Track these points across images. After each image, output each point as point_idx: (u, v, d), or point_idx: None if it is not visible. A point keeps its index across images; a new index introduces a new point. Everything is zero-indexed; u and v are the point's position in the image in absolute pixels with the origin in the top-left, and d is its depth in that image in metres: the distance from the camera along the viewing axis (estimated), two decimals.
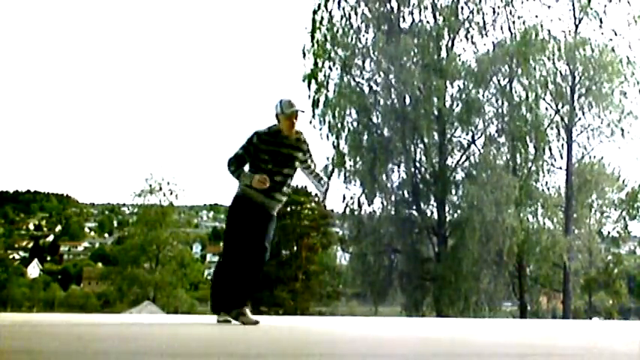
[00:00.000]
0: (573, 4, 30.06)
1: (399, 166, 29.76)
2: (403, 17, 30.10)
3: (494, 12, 29.71)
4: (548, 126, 29.53)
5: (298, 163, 5.70)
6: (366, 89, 30.15)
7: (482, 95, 29.53)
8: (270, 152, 5.49)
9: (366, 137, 29.57)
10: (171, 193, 40.25)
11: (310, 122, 29.36)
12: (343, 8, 29.84)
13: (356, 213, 29.86)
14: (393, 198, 29.59)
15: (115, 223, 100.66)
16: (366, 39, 29.97)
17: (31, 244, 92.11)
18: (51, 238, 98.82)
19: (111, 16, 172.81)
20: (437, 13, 29.59)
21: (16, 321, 5.66)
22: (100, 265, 71.76)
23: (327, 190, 6.03)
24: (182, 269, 41.21)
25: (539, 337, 4.50)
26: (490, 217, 26.76)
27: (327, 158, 29.41)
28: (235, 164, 5.54)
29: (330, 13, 29.77)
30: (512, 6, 29.66)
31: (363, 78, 30.17)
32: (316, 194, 37.22)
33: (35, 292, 55.07)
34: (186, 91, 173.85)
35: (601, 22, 29.29)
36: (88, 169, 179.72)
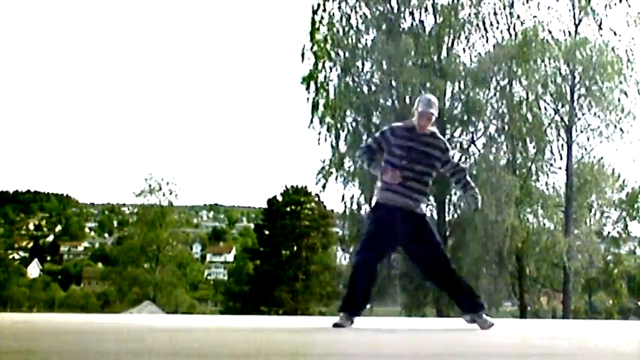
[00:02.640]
0: (573, 5, 30.05)
1: None
2: (403, 17, 30.10)
3: (494, 12, 29.73)
4: (548, 126, 29.54)
5: (436, 162, 5.51)
6: (366, 89, 30.17)
7: (482, 95, 29.54)
8: (403, 147, 5.30)
9: (365, 137, 29.57)
10: (170, 193, 40.31)
11: (310, 123, 29.43)
12: (343, 9, 29.86)
13: (356, 213, 29.87)
14: None
15: (115, 223, 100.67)
16: (366, 39, 29.99)
17: (31, 244, 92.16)
18: (51, 238, 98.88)
19: (112, 16, 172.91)
20: (437, 14, 29.60)
21: (16, 321, 5.66)
22: (100, 265, 71.83)
23: (476, 202, 5.87)
24: (182, 269, 41.26)
25: (539, 337, 4.50)
26: (490, 217, 26.76)
27: (325, 160, 29.46)
28: (366, 154, 5.55)
29: (330, 13, 29.78)
30: (512, 6, 29.70)
31: (362, 78, 30.18)
32: (317, 194, 37.14)
33: (35, 292, 55.11)
34: (186, 91, 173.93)
35: (601, 22, 29.32)
36: (88, 169, 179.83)
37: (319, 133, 29.07)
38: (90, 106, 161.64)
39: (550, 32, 28.79)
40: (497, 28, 29.79)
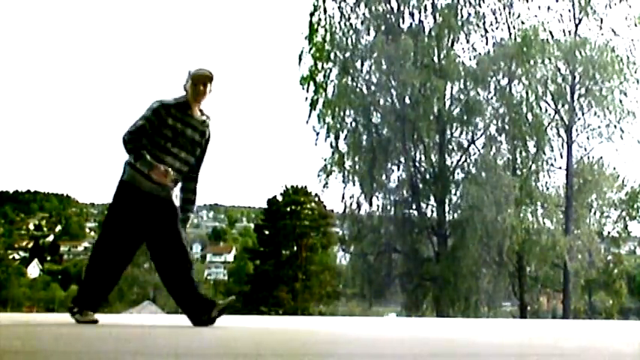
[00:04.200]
0: (573, 4, 30.08)
1: (398, 166, 29.81)
2: (403, 17, 30.14)
3: (494, 12, 29.76)
4: (548, 126, 29.56)
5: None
6: (366, 89, 30.19)
7: (482, 95, 29.57)
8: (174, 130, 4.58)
9: (365, 137, 29.60)
10: None
11: (307, 119, 29.43)
12: (342, 9, 29.86)
13: (355, 213, 29.90)
14: (392, 198, 29.64)
15: None
16: (366, 39, 30.01)
17: (31, 244, 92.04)
18: (51, 238, 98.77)
19: (110, 16, 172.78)
20: (437, 14, 29.61)
21: (16, 321, 5.66)
22: None
23: (186, 220, 4.85)
24: None
25: (539, 337, 4.50)
26: (490, 217, 26.78)
27: (326, 159, 29.49)
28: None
29: (329, 14, 29.79)
30: (512, 6, 29.72)
31: (362, 78, 30.20)
32: (316, 194, 37.20)
33: (35, 292, 55.03)
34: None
35: (601, 22, 29.33)
36: (88, 169, 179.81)
37: (317, 134, 29.10)
38: (90, 106, 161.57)
39: (550, 32, 28.80)
40: (497, 28, 29.82)
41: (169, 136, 4.51)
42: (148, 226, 4.62)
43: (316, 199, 41.22)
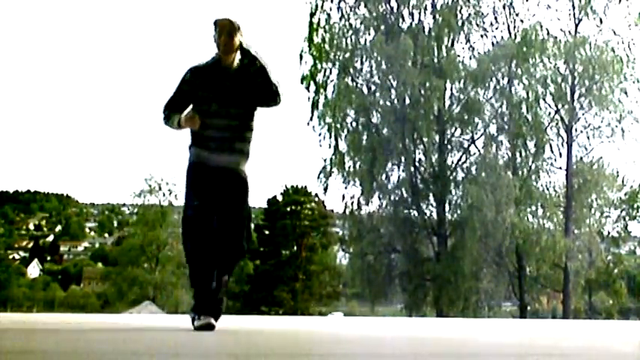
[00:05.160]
0: (573, 4, 30.08)
1: (398, 166, 29.81)
2: (402, 17, 30.13)
3: (494, 12, 29.76)
4: (548, 126, 29.56)
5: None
6: (365, 90, 30.19)
7: (482, 95, 29.57)
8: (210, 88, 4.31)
9: (365, 137, 29.59)
10: (170, 193, 40.30)
11: (309, 120, 29.42)
12: (342, 9, 29.85)
13: (356, 213, 29.89)
14: (392, 198, 29.63)
15: (115, 223, 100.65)
16: (365, 39, 30.01)
17: (31, 244, 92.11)
18: (51, 238, 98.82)
19: (111, 16, 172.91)
20: (436, 13, 29.60)
21: (16, 321, 5.66)
22: (100, 265, 71.75)
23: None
24: (182, 269, 41.22)
25: (539, 337, 4.50)
26: (490, 217, 26.78)
27: (326, 159, 29.49)
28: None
29: (329, 14, 29.78)
30: (512, 6, 29.72)
31: (362, 78, 30.20)
32: (316, 194, 37.19)
33: (35, 292, 55.01)
34: None
35: (601, 22, 29.32)
36: (88, 169, 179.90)
37: (319, 134, 29.09)
38: (90, 106, 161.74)
39: (549, 32, 28.80)
40: (497, 27, 29.83)
41: (210, 97, 4.27)
42: (219, 201, 4.26)
43: (316, 199, 41.27)
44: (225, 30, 4.26)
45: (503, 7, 29.70)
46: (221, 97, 4.28)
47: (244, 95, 4.33)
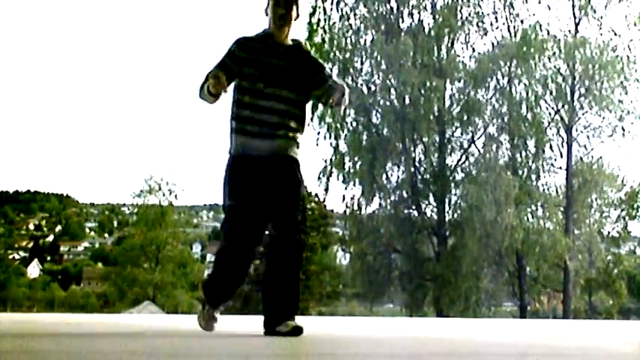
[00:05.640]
0: (573, 4, 30.11)
1: (398, 166, 29.82)
2: (402, 17, 30.14)
3: (494, 12, 29.77)
4: (548, 126, 29.58)
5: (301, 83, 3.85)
6: (366, 90, 30.20)
7: (482, 95, 29.59)
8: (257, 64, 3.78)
9: (365, 137, 29.61)
10: (170, 193, 40.30)
11: (309, 123, 29.40)
12: (342, 9, 29.86)
13: (356, 213, 29.91)
14: (392, 198, 29.65)
15: (115, 223, 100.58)
16: (365, 39, 30.02)
17: (31, 244, 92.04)
18: (51, 238, 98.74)
19: (110, 16, 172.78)
20: (436, 13, 29.62)
21: (16, 321, 5.66)
22: (100, 265, 71.69)
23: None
24: (182, 269, 41.22)
25: (539, 337, 4.51)
26: (490, 217, 26.79)
27: (326, 160, 29.51)
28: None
29: (328, 14, 29.78)
30: (512, 6, 29.73)
31: (362, 78, 30.21)
32: (316, 194, 37.29)
33: (35, 292, 54.96)
34: (185, 91, 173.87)
35: (601, 22, 29.34)
36: (88, 169, 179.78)
37: (318, 133, 29.11)
38: (90, 106, 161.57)
39: (549, 32, 28.84)
40: (497, 27, 29.83)
41: (256, 74, 3.73)
42: (268, 200, 3.70)
43: (316, 199, 41.25)
44: (284, 2, 3.77)
45: (503, 7, 29.74)
46: (269, 75, 3.75)
47: (297, 77, 3.80)
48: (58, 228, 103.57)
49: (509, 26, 29.66)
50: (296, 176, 3.76)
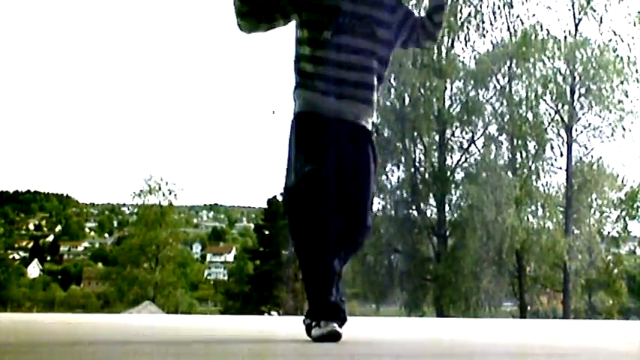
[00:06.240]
0: (573, 4, 30.11)
1: (398, 167, 29.82)
2: None
3: (493, 12, 29.76)
4: (548, 126, 29.59)
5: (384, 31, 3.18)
6: None
7: (482, 95, 29.61)
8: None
9: None
10: (170, 193, 40.36)
11: None
12: None
13: None
14: (392, 198, 29.64)
15: (115, 223, 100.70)
16: None
17: (31, 244, 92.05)
18: (51, 238, 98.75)
19: (110, 16, 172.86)
20: None
21: (16, 321, 5.66)
22: (100, 265, 71.76)
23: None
24: (182, 269, 41.26)
25: (539, 337, 4.50)
26: (490, 217, 26.80)
27: None
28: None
29: None
30: (512, 6, 29.73)
31: None
32: None
33: (35, 292, 55.01)
34: (185, 91, 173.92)
35: (601, 22, 29.34)
36: (88, 169, 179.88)
37: None
38: (90, 106, 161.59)
39: (549, 32, 28.84)
40: (497, 27, 29.83)
41: (321, 21, 3.05)
42: (338, 167, 3.05)
43: None
44: None
45: (503, 7, 29.73)
46: (337, 21, 3.05)
47: (373, 22, 3.12)
48: (58, 228, 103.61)
49: (509, 26, 29.69)
50: (372, 151, 3.19)
